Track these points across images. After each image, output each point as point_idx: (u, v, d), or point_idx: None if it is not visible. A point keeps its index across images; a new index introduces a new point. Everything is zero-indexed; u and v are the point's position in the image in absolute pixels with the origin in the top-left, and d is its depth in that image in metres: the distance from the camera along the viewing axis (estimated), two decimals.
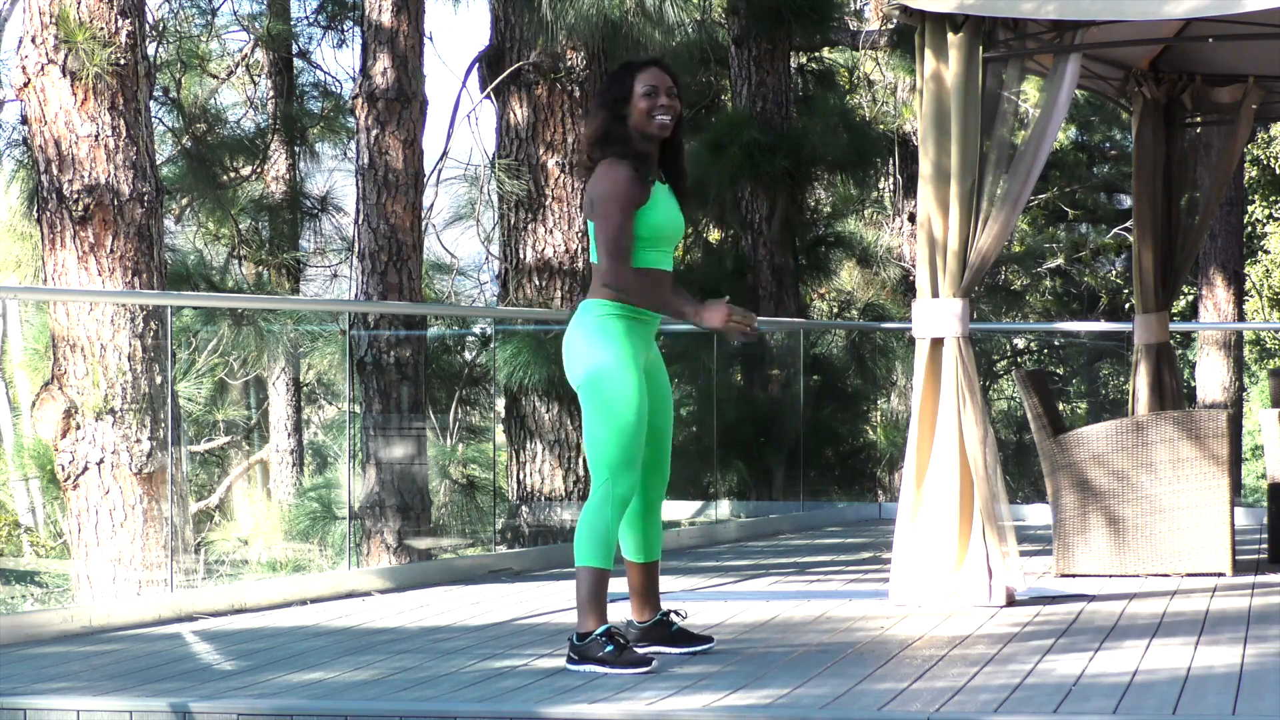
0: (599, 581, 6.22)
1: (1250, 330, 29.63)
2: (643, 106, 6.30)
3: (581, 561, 6.22)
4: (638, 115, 6.31)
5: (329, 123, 15.99)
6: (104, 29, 9.79)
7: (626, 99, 6.32)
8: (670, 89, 6.33)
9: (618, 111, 6.31)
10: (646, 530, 6.48)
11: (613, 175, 6.24)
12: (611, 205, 6.21)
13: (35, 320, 13.60)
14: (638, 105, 6.31)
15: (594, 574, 6.21)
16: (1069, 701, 5.46)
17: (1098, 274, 27.16)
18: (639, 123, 6.31)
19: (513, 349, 12.82)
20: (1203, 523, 8.61)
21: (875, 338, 16.27)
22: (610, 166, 6.26)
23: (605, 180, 6.25)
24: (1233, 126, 10.31)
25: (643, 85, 6.31)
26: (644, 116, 6.31)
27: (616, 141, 6.29)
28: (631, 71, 6.35)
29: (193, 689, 5.96)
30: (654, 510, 6.49)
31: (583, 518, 6.23)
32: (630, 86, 6.32)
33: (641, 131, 6.31)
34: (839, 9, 17.57)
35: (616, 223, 6.21)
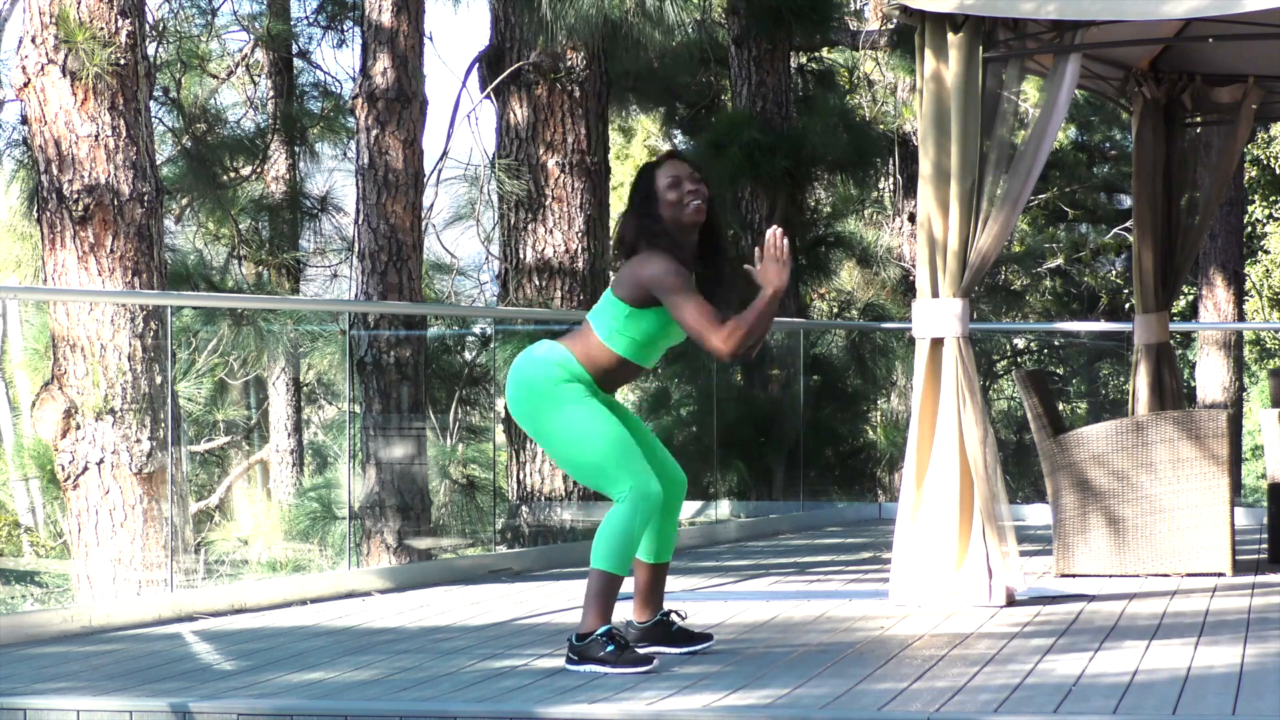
0: (611, 586, 6.20)
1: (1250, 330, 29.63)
2: (671, 199, 6.28)
3: (597, 564, 6.19)
4: (669, 209, 6.28)
5: (329, 123, 15.99)
6: (104, 29, 9.79)
7: (653, 198, 6.29)
8: (692, 175, 6.31)
9: (649, 212, 6.28)
10: (662, 532, 6.47)
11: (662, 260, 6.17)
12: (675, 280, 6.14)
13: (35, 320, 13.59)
14: (666, 199, 6.28)
15: (607, 579, 6.20)
16: (1069, 701, 5.46)
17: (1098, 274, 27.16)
18: (673, 216, 6.28)
19: (513, 349, 12.82)
20: (1203, 523, 8.61)
21: (875, 338, 16.27)
22: (652, 252, 6.20)
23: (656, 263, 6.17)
24: (1233, 126, 10.31)
25: (665, 179, 6.30)
26: (675, 208, 6.28)
27: (659, 235, 6.25)
28: (649, 172, 6.33)
29: (193, 689, 5.96)
30: (671, 514, 6.48)
31: (607, 521, 6.20)
32: (652, 186, 6.30)
33: (678, 224, 6.29)
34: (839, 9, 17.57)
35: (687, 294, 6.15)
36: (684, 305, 6.14)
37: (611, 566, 6.18)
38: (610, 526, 6.18)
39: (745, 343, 6.18)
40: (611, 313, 6.26)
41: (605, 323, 6.28)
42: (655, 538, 6.47)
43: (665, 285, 6.15)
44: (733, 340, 6.14)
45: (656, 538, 6.47)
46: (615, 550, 6.17)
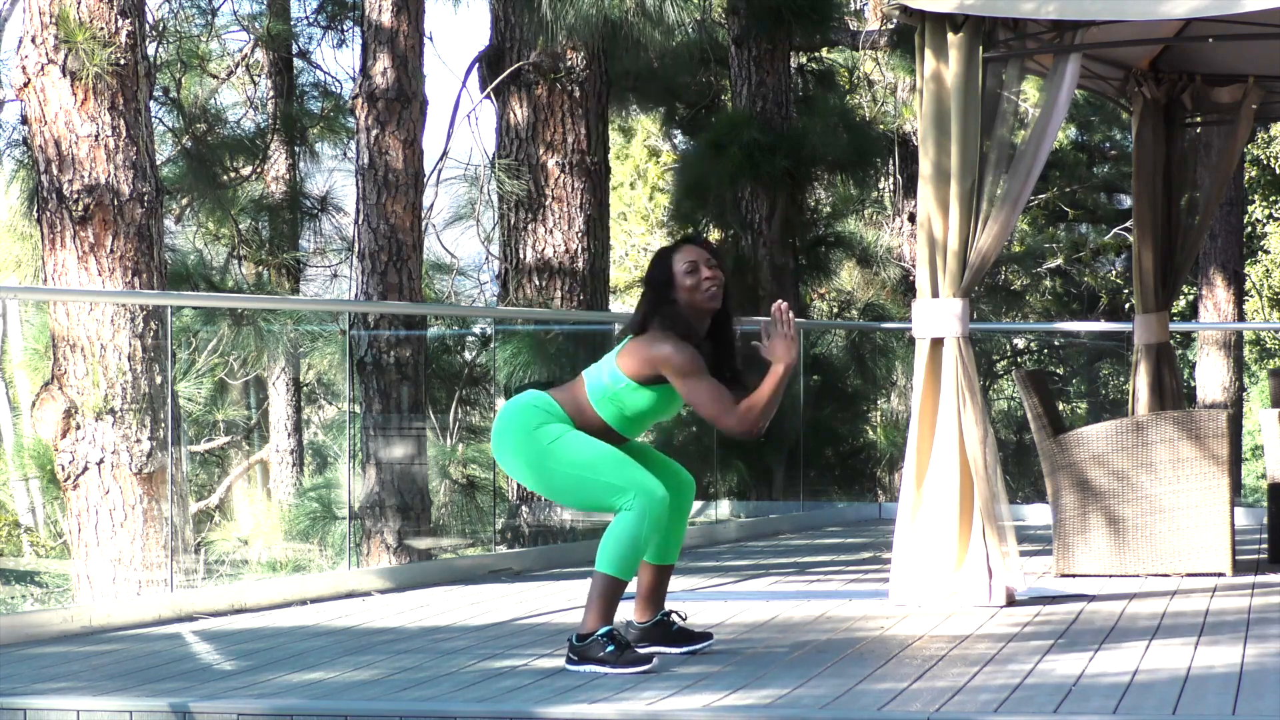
0: (614, 590, 6.20)
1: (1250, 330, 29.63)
2: (688, 285, 6.31)
3: (602, 568, 6.19)
4: (686, 294, 6.31)
5: (329, 123, 15.99)
6: (104, 29, 9.79)
7: (670, 282, 6.32)
8: (709, 260, 6.35)
9: (665, 295, 6.31)
10: (671, 534, 6.47)
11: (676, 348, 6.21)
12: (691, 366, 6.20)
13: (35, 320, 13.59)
14: (683, 284, 6.31)
15: (611, 583, 6.19)
16: (1069, 701, 5.46)
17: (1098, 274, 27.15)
18: (689, 300, 6.31)
19: (513, 349, 12.82)
20: (1203, 523, 8.61)
21: (875, 338, 16.27)
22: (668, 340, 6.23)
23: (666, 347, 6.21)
24: (1233, 126, 10.31)
25: (682, 264, 6.33)
26: (692, 294, 6.31)
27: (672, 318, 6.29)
28: (668, 255, 6.37)
29: (193, 689, 5.96)
30: (680, 516, 6.49)
31: (613, 526, 6.19)
32: (669, 270, 6.33)
33: (694, 309, 6.32)
34: (839, 9, 17.57)
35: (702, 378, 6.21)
36: (699, 389, 6.21)
37: (616, 571, 6.18)
38: (617, 531, 6.18)
39: (760, 421, 6.24)
40: (610, 380, 6.30)
41: (600, 387, 6.30)
42: (664, 539, 6.46)
43: (681, 369, 6.21)
44: (747, 420, 6.21)
45: (664, 539, 6.46)
46: (621, 555, 6.18)
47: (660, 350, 6.23)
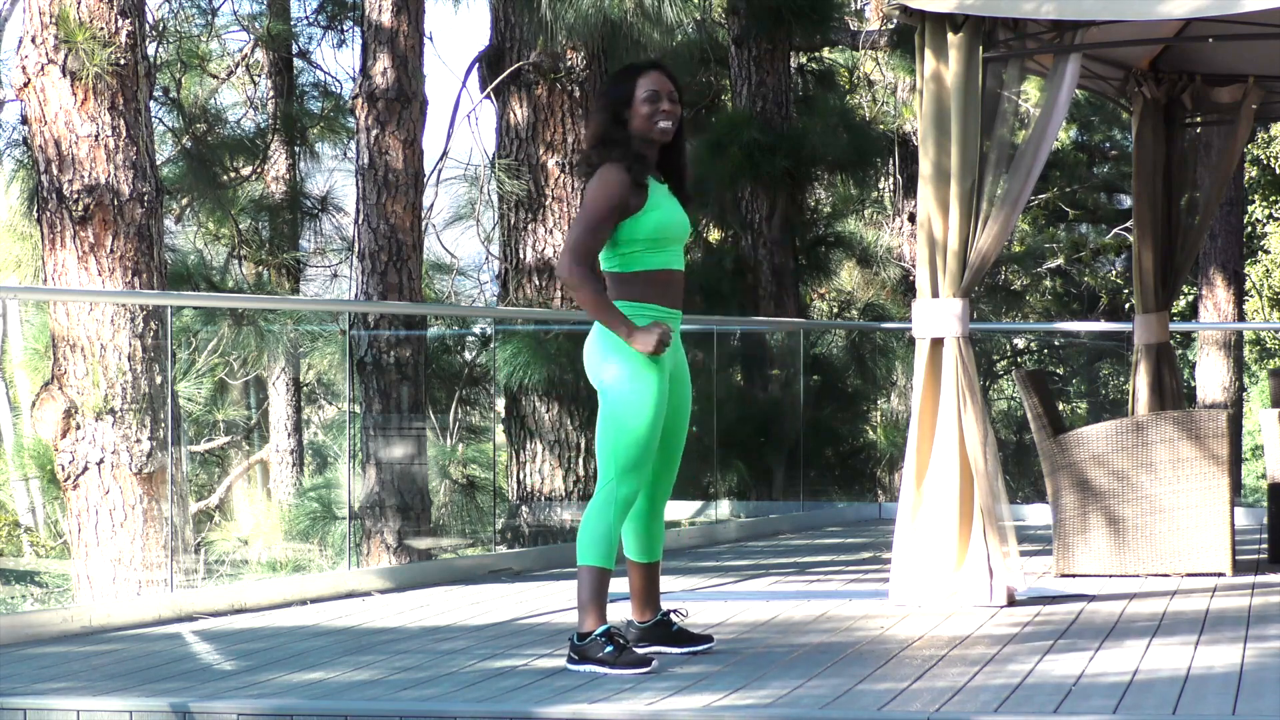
0: (600, 581, 6.22)
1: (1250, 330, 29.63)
2: (644, 112, 6.30)
3: (583, 561, 6.23)
4: (639, 120, 6.30)
5: (329, 123, 15.99)
6: (104, 29, 9.79)
7: (627, 102, 6.31)
8: (672, 94, 6.33)
9: (618, 115, 6.31)
10: (649, 531, 6.48)
11: (606, 177, 6.24)
12: (596, 206, 6.20)
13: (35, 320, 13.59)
14: (639, 110, 6.30)
15: (595, 573, 6.22)
16: (1069, 701, 5.46)
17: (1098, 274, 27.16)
18: (640, 127, 6.30)
19: (513, 349, 12.82)
20: (1203, 523, 8.61)
21: (875, 338, 16.27)
22: (607, 170, 6.25)
23: (598, 182, 6.25)
24: (1233, 126, 10.31)
25: (644, 90, 6.30)
26: (645, 121, 6.30)
27: (616, 144, 6.28)
28: (633, 75, 6.34)
29: (193, 689, 5.96)
30: (658, 511, 6.49)
31: (585, 518, 6.25)
32: (632, 90, 6.31)
33: (643, 136, 6.31)
34: (839, 9, 17.57)
35: (593, 224, 6.21)
36: (583, 221, 6.20)
37: (595, 560, 6.21)
38: (588, 522, 6.25)
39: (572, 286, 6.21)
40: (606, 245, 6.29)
41: (608, 256, 6.31)
42: (643, 536, 6.48)
43: (590, 197, 6.20)
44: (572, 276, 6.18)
45: (644, 536, 6.48)
46: (595, 543, 6.21)
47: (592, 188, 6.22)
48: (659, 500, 6.49)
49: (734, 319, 14.85)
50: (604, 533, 6.22)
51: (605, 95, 6.36)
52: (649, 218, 6.27)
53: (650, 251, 6.29)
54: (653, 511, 6.48)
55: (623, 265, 6.29)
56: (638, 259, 6.28)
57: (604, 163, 6.27)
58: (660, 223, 6.29)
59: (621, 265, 6.29)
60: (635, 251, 6.28)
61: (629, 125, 6.30)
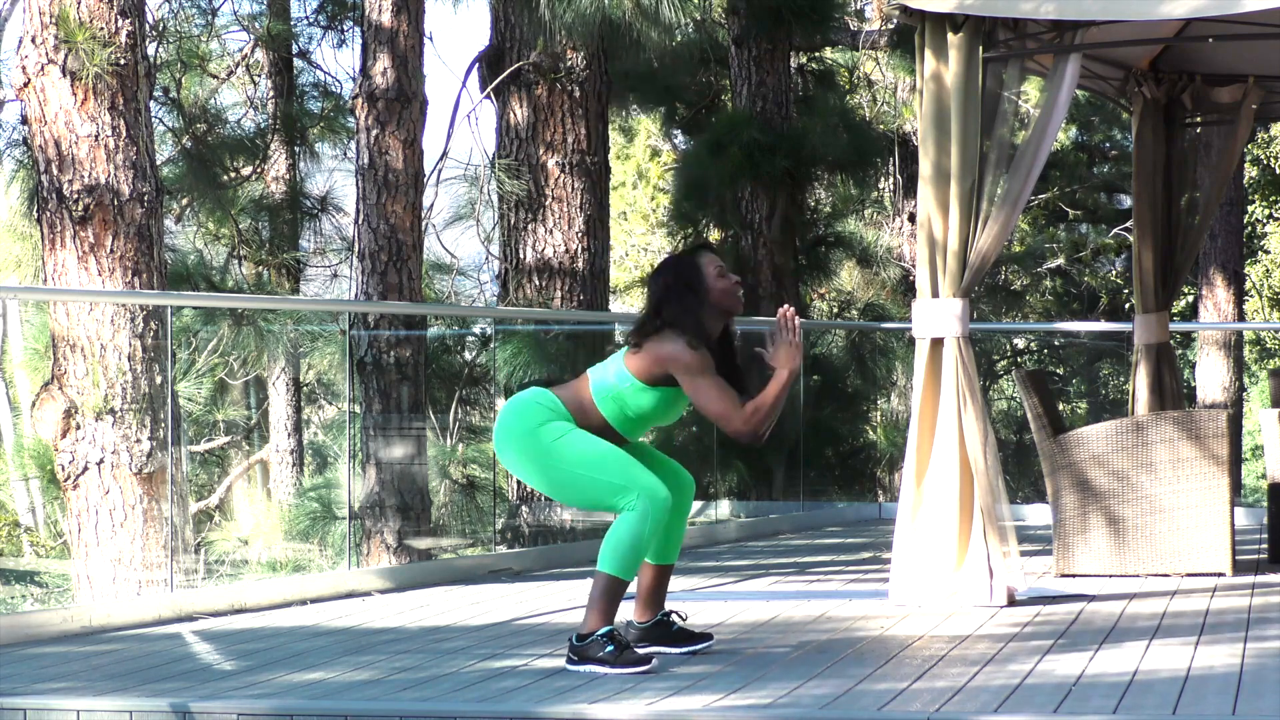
0: (615, 590, 6.21)
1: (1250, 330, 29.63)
2: (720, 286, 6.36)
3: (604, 568, 6.20)
4: (717, 295, 6.36)
5: (329, 123, 15.98)
6: (104, 29, 9.79)
7: (701, 283, 6.35)
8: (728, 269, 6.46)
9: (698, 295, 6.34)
10: (671, 533, 6.48)
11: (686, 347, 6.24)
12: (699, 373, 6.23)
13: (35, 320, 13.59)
14: (715, 285, 6.35)
15: (613, 582, 6.20)
16: (1069, 701, 5.46)
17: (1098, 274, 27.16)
18: (720, 300, 6.36)
19: (513, 349, 12.82)
20: (1203, 523, 8.61)
21: (875, 338, 16.27)
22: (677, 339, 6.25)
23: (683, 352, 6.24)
24: (1233, 126, 10.31)
25: (714, 268, 6.38)
26: (725, 295, 6.36)
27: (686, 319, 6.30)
28: (693, 258, 6.40)
29: (193, 689, 5.96)
30: (682, 515, 6.49)
31: (616, 526, 6.20)
32: (699, 272, 6.36)
33: (722, 309, 6.37)
34: (839, 9, 17.57)
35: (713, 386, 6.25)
36: (707, 388, 6.25)
37: (618, 571, 6.19)
38: (620, 532, 6.19)
39: (765, 424, 6.29)
40: (617, 378, 6.31)
41: (605, 385, 6.31)
42: (664, 539, 6.47)
43: (691, 367, 6.24)
44: (753, 423, 6.26)
45: (665, 539, 6.47)
46: (623, 556, 6.18)
47: (671, 348, 6.25)
48: (682, 506, 6.49)
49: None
50: (632, 544, 6.18)
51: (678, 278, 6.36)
52: (659, 397, 6.31)
53: (626, 418, 6.34)
54: (677, 516, 6.48)
55: (602, 402, 6.32)
56: (614, 412, 6.33)
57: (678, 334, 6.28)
58: (656, 411, 6.34)
59: (602, 401, 6.32)
60: (617, 407, 6.31)
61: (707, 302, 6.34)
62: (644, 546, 6.20)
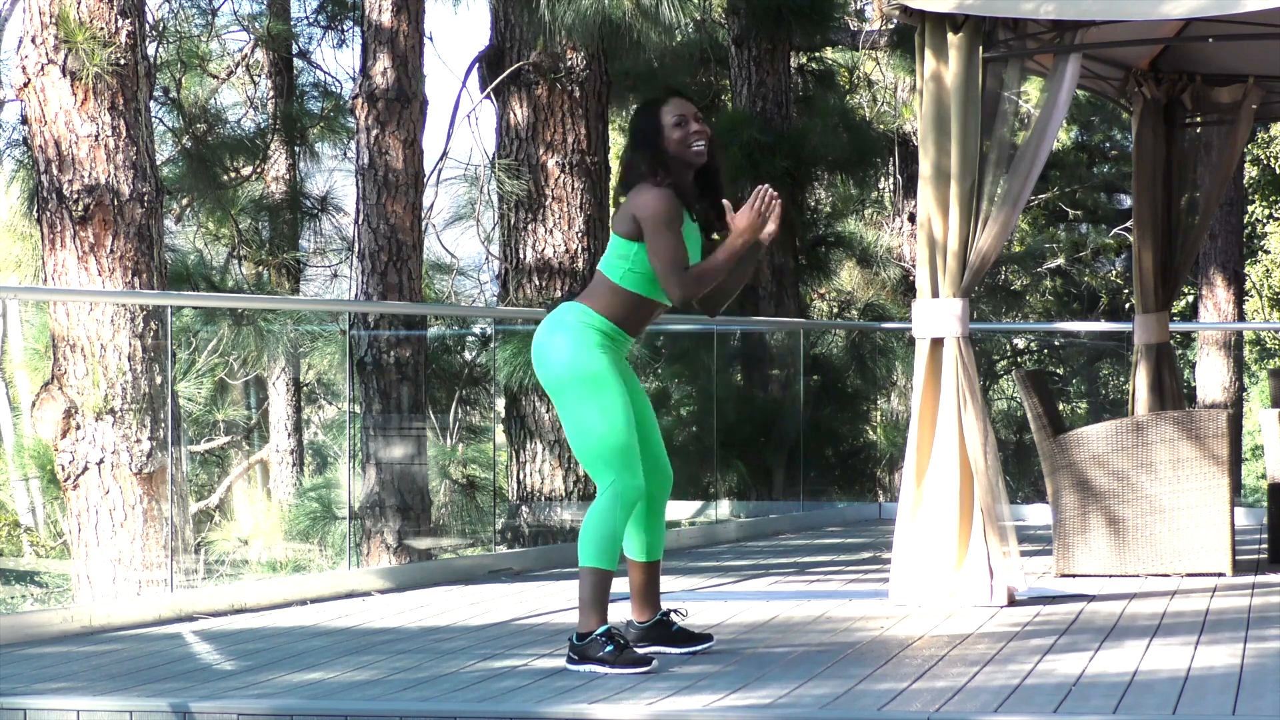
0: (602, 583, 6.22)
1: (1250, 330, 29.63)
2: (676, 136, 6.29)
3: (585, 562, 6.22)
4: (674, 145, 6.29)
5: (329, 123, 15.98)
6: (104, 29, 9.79)
7: (658, 133, 6.30)
8: (697, 115, 6.35)
9: (653, 145, 6.29)
10: (650, 530, 6.48)
11: (655, 195, 6.20)
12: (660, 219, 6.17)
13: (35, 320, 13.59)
14: (671, 136, 6.29)
15: (597, 575, 6.22)
16: (1069, 701, 5.46)
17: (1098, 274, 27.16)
18: (677, 152, 6.29)
19: (513, 349, 12.81)
20: (1203, 523, 8.61)
21: (875, 338, 16.27)
22: (651, 188, 6.23)
23: (649, 200, 6.21)
24: (1233, 126, 10.31)
25: (670, 116, 6.31)
26: (680, 146, 6.30)
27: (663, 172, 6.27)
28: (654, 106, 6.35)
29: (193, 689, 5.96)
30: (658, 511, 6.49)
31: (588, 518, 6.24)
32: (658, 120, 6.31)
33: (682, 160, 6.30)
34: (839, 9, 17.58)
35: (669, 234, 6.19)
36: (659, 241, 6.18)
37: (598, 562, 6.20)
38: (592, 522, 6.22)
39: (699, 290, 6.21)
40: (619, 252, 6.28)
41: (614, 264, 6.29)
42: (644, 536, 6.47)
43: (652, 216, 6.18)
44: (688, 286, 6.18)
45: (645, 536, 6.48)
46: (599, 545, 6.20)
47: (639, 199, 6.22)
48: (659, 500, 6.49)
49: (734, 319, 14.85)
50: (608, 534, 6.21)
51: (633, 133, 6.35)
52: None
53: (651, 281, 6.29)
54: (653, 511, 6.48)
55: (622, 278, 6.28)
56: (636, 281, 6.28)
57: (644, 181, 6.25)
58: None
59: (621, 278, 6.28)
60: (639, 273, 6.27)
61: (666, 154, 6.30)
62: (618, 535, 6.20)
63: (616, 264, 6.30)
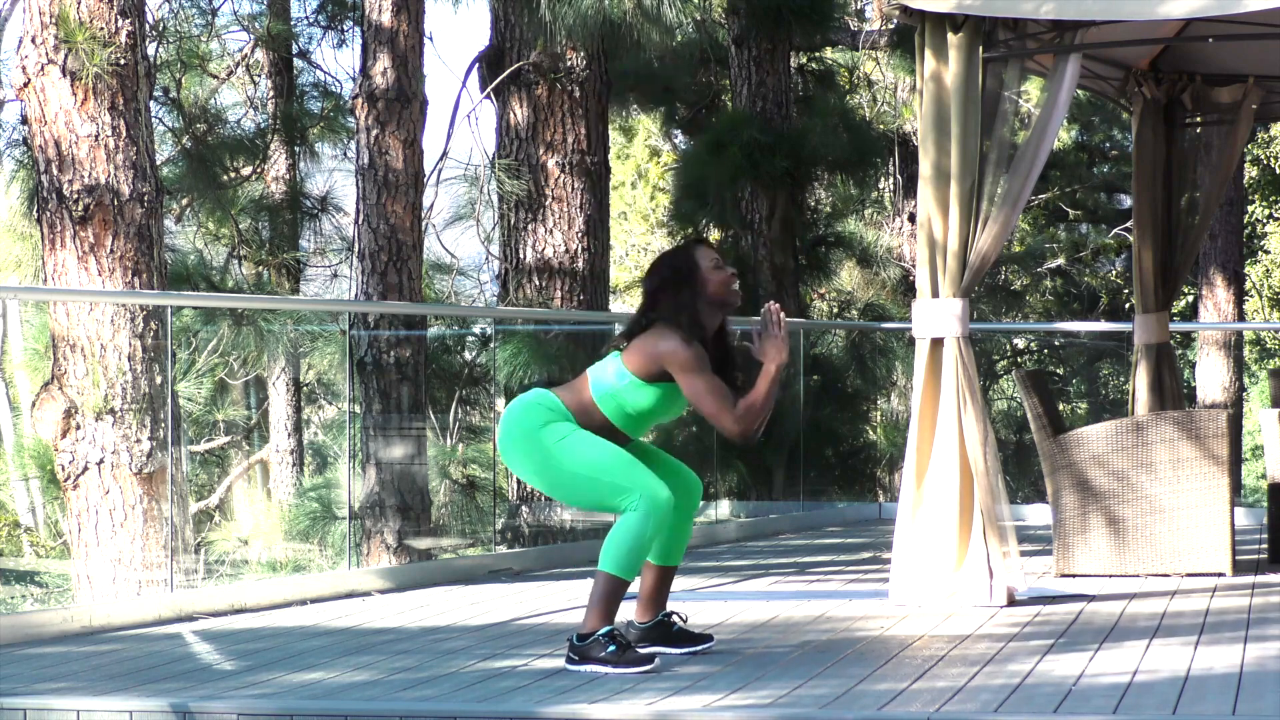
0: (616, 590, 6.20)
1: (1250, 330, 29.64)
2: (719, 278, 6.33)
3: (605, 568, 6.19)
4: (713, 287, 6.32)
5: (329, 123, 15.98)
6: (104, 29, 9.79)
7: (695, 275, 6.32)
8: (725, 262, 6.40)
9: (691, 287, 6.32)
10: (676, 535, 6.46)
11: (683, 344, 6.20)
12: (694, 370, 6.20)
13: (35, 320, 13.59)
14: (710, 278, 6.32)
15: (614, 582, 6.19)
16: (1069, 701, 5.46)
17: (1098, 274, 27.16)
18: (716, 293, 6.33)
19: (513, 349, 12.82)
20: (1203, 523, 8.61)
21: (875, 338, 16.27)
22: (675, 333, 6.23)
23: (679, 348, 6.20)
24: (1233, 126, 10.31)
25: (708, 260, 6.35)
26: (721, 287, 6.33)
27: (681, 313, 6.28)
28: (690, 250, 6.38)
29: (193, 689, 5.96)
30: (688, 517, 6.48)
31: (619, 526, 6.18)
32: (696, 264, 6.34)
33: (719, 301, 6.34)
34: (839, 9, 17.58)
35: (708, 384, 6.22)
36: (701, 385, 6.22)
37: (620, 571, 6.18)
38: (621, 532, 6.18)
39: (757, 422, 6.27)
40: (615, 377, 6.29)
41: (604, 384, 6.30)
42: (668, 540, 6.45)
43: (686, 364, 6.21)
44: (745, 421, 6.24)
45: (669, 540, 6.46)
46: (625, 556, 6.17)
47: (666, 344, 6.23)
48: (689, 507, 6.47)
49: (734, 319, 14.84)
50: (634, 544, 6.17)
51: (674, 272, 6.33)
52: (659, 393, 6.29)
53: (627, 416, 6.32)
54: (683, 517, 6.46)
55: (600, 399, 6.29)
56: (613, 409, 6.30)
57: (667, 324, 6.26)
58: (656, 408, 6.32)
59: (599, 397, 6.29)
60: (618, 405, 6.29)
61: (701, 296, 6.32)
62: (645, 547, 6.20)
63: (606, 384, 6.30)
